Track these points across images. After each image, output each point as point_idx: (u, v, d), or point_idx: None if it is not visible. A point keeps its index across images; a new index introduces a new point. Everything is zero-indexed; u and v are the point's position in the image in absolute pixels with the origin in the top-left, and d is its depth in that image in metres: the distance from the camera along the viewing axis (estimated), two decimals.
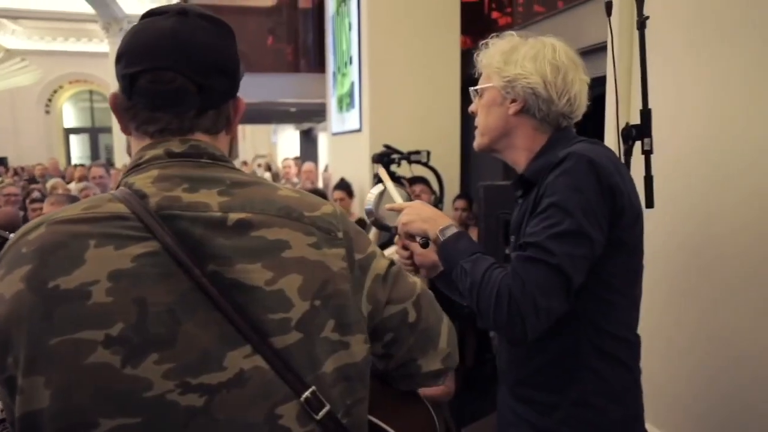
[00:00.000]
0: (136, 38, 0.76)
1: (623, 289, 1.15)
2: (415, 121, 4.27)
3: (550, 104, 1.17)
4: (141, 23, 0.78)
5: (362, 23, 4.45)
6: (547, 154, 1.17)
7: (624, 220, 1.08)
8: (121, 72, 0.76)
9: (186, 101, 0.75)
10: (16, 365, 0.65)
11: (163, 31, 0.75)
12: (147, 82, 0.74)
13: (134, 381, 0.65)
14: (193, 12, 0.78)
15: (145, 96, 0.75)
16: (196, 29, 0.76)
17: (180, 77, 0.74)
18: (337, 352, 0.73)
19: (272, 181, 0.87)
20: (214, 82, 0.76)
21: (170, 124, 0.76)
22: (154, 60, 0.74)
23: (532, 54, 1.17)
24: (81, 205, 0.72)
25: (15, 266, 0.68)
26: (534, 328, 1.01)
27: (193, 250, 0.69)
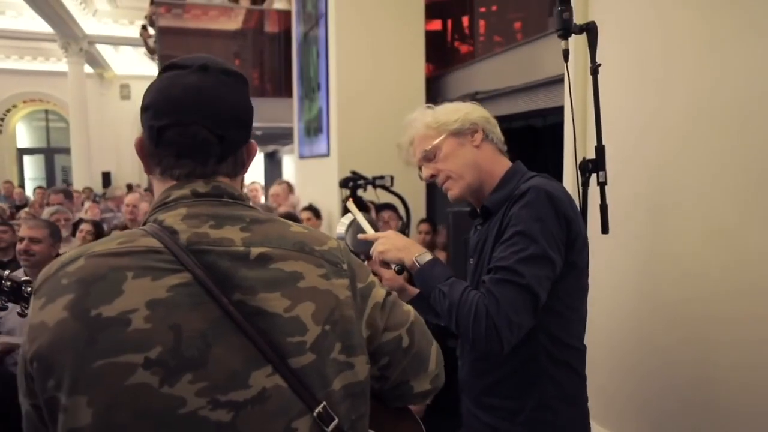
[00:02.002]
0: (163, 93, 0.84)
1: (574, 305, 1.31)
2: (382, 147, 4.37)
3: (496, 129, 1.39)
4: (166, 77, 0.85)
5: (330, 51, 4.58)
6: (506, 187, 1.33)
7: (576, 245, 1.25)
8: (148, 123, 0.83)
9: (208, 151, 0.84)
10: (58, 387, 0.71)
11: (189, 87, 0.83)
12: (174, 134, 0.82)
13: (170, 399, 0.72)
14: (214, 67, 0.86)
15: (171, 146, 0.83)
16: (218, 85, 0.84)
17: (204, 131, 0.82)
18: (343, 371, 0.82)
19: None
20: (233, 133, 0.85)
21: (194, 170, 0.84)
22: (180, 115, 0.82)
23: (451, 108, 1.39)
24: (116, 240, 0.79)
25: (57, 296, 0.74)
26: (509, 341, 1.15)
27: (221, 280, 0.76)
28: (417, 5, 4.59)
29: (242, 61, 7.95)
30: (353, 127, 4.45)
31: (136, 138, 0.89)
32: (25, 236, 2.68)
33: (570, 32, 1.54)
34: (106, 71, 15.65)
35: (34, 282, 0.82)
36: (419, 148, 1.40)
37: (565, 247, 1.22)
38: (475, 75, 4.40)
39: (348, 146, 4.44)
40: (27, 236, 2.67)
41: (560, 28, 1.54)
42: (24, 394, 0.77)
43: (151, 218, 0.83)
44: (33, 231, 2.70)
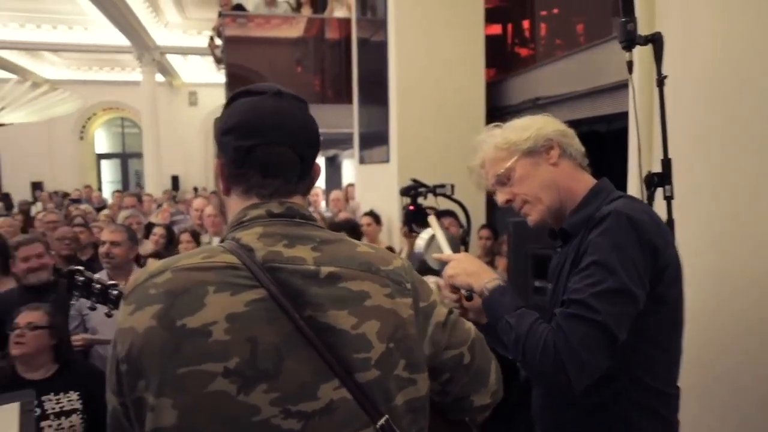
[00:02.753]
0: (245, 116, 0.90)
1: (662, 344, 1.17)
2: (442, 153, 4.39)
3: (574, 142, 1.27)
4: (246, 102, 0.92)
5: (390, 57, 4.63)
6: (587, 207, 1.22)
7: (666, 276, 1.12)
8: (234, 144, 0.89)
9: (292, 170, 0.91)
10: (147, 388, 0.78)
11: (271, 111, 0.90)
12: (261, 154, 0.89)
13: (246, 407, 0.77)
14: (286, 93, 0.93)
15: (258, 165, 0.89)
16: (294, 108, 0.92)
17: (288, 151, 0.89)
18: (406, 387, 0.86)
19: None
20: (309, 153, 0.92)
21: (279, 188, 0.91)
22: (266, 135, 0.89)
23: (521, 124, 1.30)
24: (199, 254, 0.86)
25: (145, 304, 0.81)
26: (579, 381, 1.05)
27: (293, 297, 0.82)
28: (477, 10, 4.57)
29: (304, 68, 8.14)
30: (413, 133, 4.48)
31: (216, 162, 0.96)
32: (106, 240, 2.86)
33: (634, 43, 1.51)
34: (175, 80, 16.39)
35: (125, 288, 0.90)
36: (491, 172, 1.32)
37: (651, 279, 1.10)
38: (536, 80, 4.34)
39: (407, 153, 4.47)
40: (108, 240, 2.85)
41: (624, 39, 1.51)
42: (113, 392, 0.84)
43: (230, 236, 0.89)
44: (114, 235, 2.88)
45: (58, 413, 2.20)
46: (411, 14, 4.48)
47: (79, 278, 1.48)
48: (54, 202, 10.09)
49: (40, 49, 13.35)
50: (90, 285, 1.48)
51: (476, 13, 4.57)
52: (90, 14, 11.08)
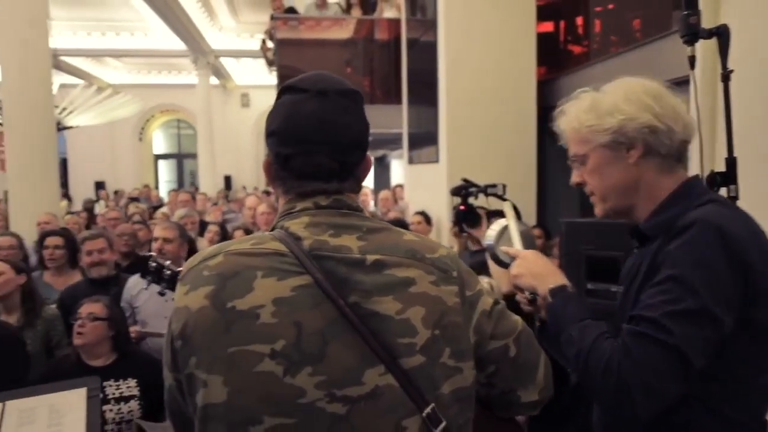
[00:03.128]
0: (287, 121, 0.91)
1: (747, 373, 1.02)
2: (491, 153, 4.35)
3: (672, 135, 1.07)
4: (288, 103, 0.92)
5: (439, 56, 4.62)
6: (668, 210, 1.08)
7: (759, 299, 0.97)
8: (275, 148, 0.93)
9: (330, 176, 0.92)
10: (198, 365, 0.82)
11: (311, 116, 0.90)
12: (299, 162, 0.91)
13: (292, 388, 0.80)
14: (331, 90, 0.92)
15: (295, 171, 0.92)
16: (337, 110, 0.91)
17: (327, 159, 0.91)
18: (452, 376, 0.86)
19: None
20: (353, 157, 0.93)
21: (316, 190, 0.92)
22: (303, 144, 0.90)
23: (622, 96, 1.10)
24: (250, 241, 0.90)
25: (199, 285, 0.85)
26: (645, 408, 0.95)
27: (338, 284, 0.84)
28: (528, 7, 4.50)
29: (353, 68, 8.21)
30: (462, 133, 4.46)
31: (264, 160, 0.98)
32: (159, 236, 2.98)
33: (697, 37, 1.45)
34: (229, 82, 16.85)
35: (182, 270, 0.94)
36: (570, 143, 1.18)
37: (740, 301, 0.96)
38: (590, 77, 4.24)
39: (457, 152, 4.45)
40: (161, 236, 2.98)
41: (686, 33, 1.46)
42: (169, 369, 0.88)
43: (279, 224, 0.92)
44: (166, 232, 3.00)
45: (118, 398, 2.32)
46: (461, 13, 4.45)
47: (152, 264, 1.55)
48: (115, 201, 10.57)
49: (104, 55, 14.00)
50: (161, 271, 1.55)
51: (528, 11, 4.50)
52: (150, 21, 11.55)
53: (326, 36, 8.60)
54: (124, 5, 10.96)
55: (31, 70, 5.43)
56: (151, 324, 2.88)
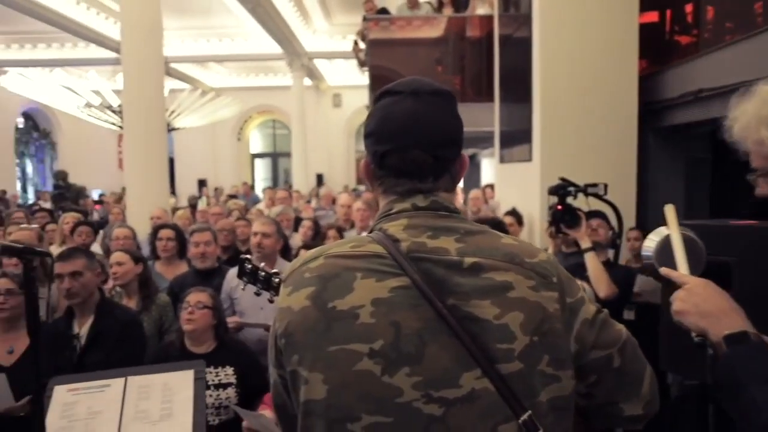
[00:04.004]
0: (383, 121, 0.94)
1: None
2: (588, 151, 4.19)
3: None
4: (384, 105, 0.95)
5: (534, 52, 4.50)
6: None
7: None
8: (371, 148, 0.95)
9: (426, 171, 0.93)
10: (301, 362, 0.86)
11: (405, 114, 0.92)
12: (395, 159, 0.93)
13: (390, 388, 0.81)
14: (424, 91, 0.94)
15: (392, 168, 0.94)
16: (431, 108, 0.93)
17: (422, 154, 0.92)
18: (550, 384, 0.84)
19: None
20: (447, 152, 0.94)
21: (414, 188, 0.94)
22: (399, 140, 0.92)
23: None
24: (349, 243, 0.92)
25: (300, 287, 0.89)
26: None
27: (436, 286, 0.85)
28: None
29: (444, 67, 8.18)
30: (557, 131, 4.32)
31: (362, 161, 1.01)
32: (258, 231, 3.13)
33: None
34: (322, 83, 17.35)
35: (283, 273, 0.99)
36: (751, 150, 1.04)
37: None
38: (699, 69, 3.95)
39: (551, 150, 4.31)
40: (260, 231, 3.12)
41: None
42: (273, 365, 0.93)
43: (377, 227, 0.94)
44: (264, 227, 3.14)
45: (217, 385, 2.45)
46: (557, 6, 4.30)
47: (248, 266, 1.64)
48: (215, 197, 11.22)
49: (208, 60, 14.89)
50: (256, 272, 1.63)
51: (630, 1, 4.27)
52: (249, 27, 12.13)
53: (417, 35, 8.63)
54: (226, 12, 11.60)
55: (147, 77, 5.89)
56: (248, 315, 3.03)
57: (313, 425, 0.84)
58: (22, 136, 15.94)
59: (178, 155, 17.47)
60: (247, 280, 1.64)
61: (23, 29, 12.26)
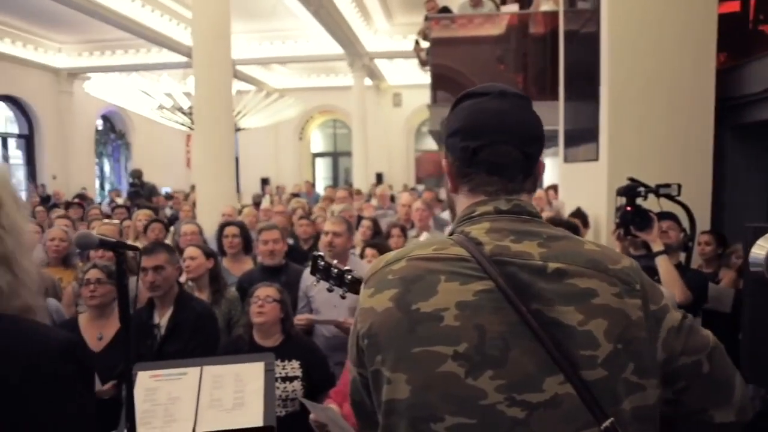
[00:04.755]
0: (471, 118, 0.95)
1: None
2: (659, 150, 4.02)
3: None
4: (470, 104, 0.97)
5: (602, 46, 4.36)
6: None
7: None
8: (460, 145, 0.96)
9: (517, 168, 0.94)
10: (383, 362, 0.88)
11: (496, 111, 0.94)
12: (487, 154, 0.94)
13: (473, 390, 0.82)
14: (509, 92, 0.97)
15: (483, 164, 0.94)
16: (517, 107, 0.95)
17: (514, 150, 0.93)
18: (634, 393, 0.83)
19: None
20: (534, 150, 0.95)
21: (504, 186, 0.95)
22: (492, 136, 0.93)
23: None
24: (431, 246, 0.93)
25: (383, 288, 0.91)
26: None
27: (520, 290, 0.85)
28: None
29: (506, 65, 8.06)
30: (626, 129, 4.17)
31: (443, 161, 1.02)
32: (330, 230, 3.20)
33: None
34: (382, 82, 17.46)
35: (365, 273, 1.00)
36: None
37: None
38: None
39: (620, 149, 4.17)
40: (331, 230, 3.19)
41: None
42: (354, 363, 0.95)
43: (458, 229, 0.95)
44: (336, 226, 3.21)
45: (284, 378, 2.53)
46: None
47: (320, 263, 1.69)
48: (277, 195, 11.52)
49: (272, 62, 15.29)
50: (329, 269, 1.68)
51: None
52: (311, 28, 12.37)
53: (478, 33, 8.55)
54: (290, 15, 11.88)
55: (216, 79, 6.13)
56: (323, 312, 3.11)
57: (396, 424, 0.86)
58: (101, 137, 16.89)
59: (242, 154, 18.00)
60: (320, 277, 1.70)
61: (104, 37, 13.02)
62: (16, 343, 0.89)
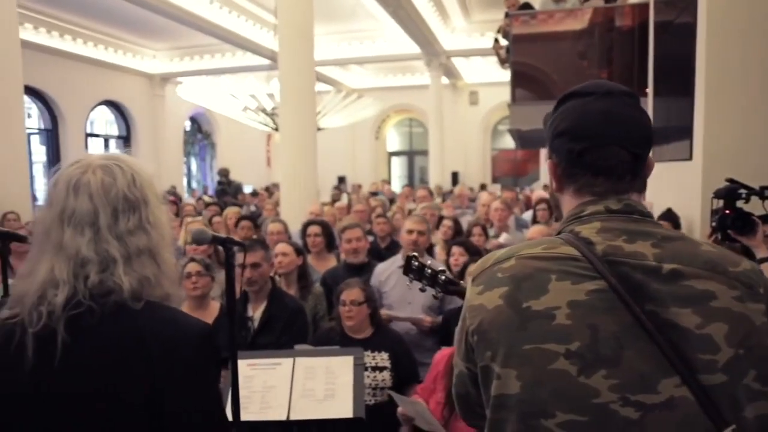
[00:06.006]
0: (576, 119, 0.95)
1: None
2: (760, 149, 3.77)
3: None
4: (575, 104, 0.96)
5: (698, 37, 4.14)
6: None
7: None
8: (566, 146, 0.96)
9: (624, 169, 0.94)
10: (493, 358, 0.90)
11: (601, 112, 0.93)
12: (593, 155, 0.93)
13: (586, 388, 0.83)
14: (617, 91, 0.95)
15: (589, 166, 0.94)
16: (625, 107, 0.94)
17: (621, 151, 0.92)
18: (757, 401, 0.81)
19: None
20: (643, 150, 0.94)
21: (611, 187, 0.94)
22: (598, 137, 0.93)
23: None
24: (540, 245, 0.94)
25: (493, 286, 0.93)
26: None
27: (633, 291, 0.84)
28: None
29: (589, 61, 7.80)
30: (723, 126, 3.93)
31: (548, 161, 1.02)
32: (414, 229, 3.26)
33: None
34: (458, 81, 17.33)
35: (472, 271, 1.02)
36: None
37: None
38: None
39: (717, 148, 3.94)
40: (416, 229, 3.25)
41: None
42: (462, 358, 0.98)
43: (567, 229, 0.95)
44: (420, 225, 3.27)
45: (374, 368, 2.61)
46: None
47: (414, 263, 1.73)
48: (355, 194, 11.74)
49: (351, 62, 15.56)
50: (423, 269, 1.72)
51: None
52: (388, 28, 12.49)
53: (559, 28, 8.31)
54: (368, 16, 12.05)
55: (300, 81, 6.34)
56: (396, 309, 3.17)
57: (505, 419, 0.88)
58: (189, 137, 17.87)
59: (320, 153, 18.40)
60: (413, 277, 1.73)
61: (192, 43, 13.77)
62: (160, 328, 1.00)
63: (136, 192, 1.06)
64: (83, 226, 1.02)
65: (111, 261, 1.01)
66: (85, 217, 1.02)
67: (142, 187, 1.07)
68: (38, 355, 0.97)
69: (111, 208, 1.03)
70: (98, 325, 0.98)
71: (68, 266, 1.00)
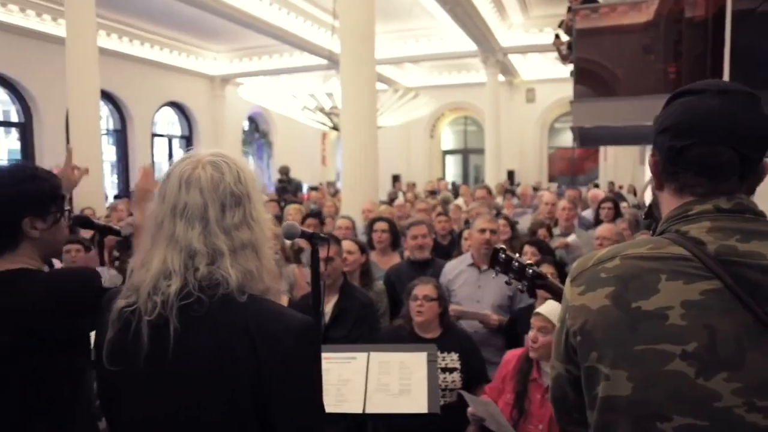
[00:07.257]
0: (681, 116, 0.92)
1: None
2: None
3: None
4: (683, 102, 0.94)
5: None
6: None
7: None
8: (668, 143, 0.93)
9: (730, 170, 0.90)
10: (600, 360, 0.88)
11: (711, 110, 0.90)
12: (696, 153, 0.91)
13: (705, 391, 0.81)
14: (732, 90, 0.92)
15: (692, 164, 0.92)
16: (739, 106, 0.90)
17: (728, 151, 0.89)
18: None
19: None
20: (754, 151, 0.90)
21: (714, 187, 0.91)
22: (704, 135, 0.90)
23: None
24: (646, 245, 0.92)
25: (597, 286, 0.91)
26: None
27: (752, 291, 0.82)
28: None
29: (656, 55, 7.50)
30: None
31: (650, 158, 1.00)
32: (486, 228, 3.24)
33: None
34: (515, 78, 17.05)
35: (571, 271, 1.00)
36: None
37: None
38: None
39: None
40: (488, 228, 3.24)
41: None
42: (561, 360, 0.96)
43: (672, 228, 0.92)
44: (492, 224, 3.27)
45: (443, 369, 2.59)
46: None
47: (502, 256, 1.72)
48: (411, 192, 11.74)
49: (408, 60, 15.55)
50: (510, 263, 1.70)
51: None
52: (444, 26, 12.42)
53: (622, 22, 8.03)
54: (426, 14, 12.02)
55: (360, 79, 6.39)
56: (465, 305, 3.16)
57: (615, 421, 0.86)
58: (247, 137, 18.34)
59: None
60: (500, 270, 1.72)
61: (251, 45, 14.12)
62: (263, 320, 1.04)
63: (241, 188, 1.10)
64: (194, 220, 1.06)
65: (219, 254, 1.05)
66: (196, 210, 1.06)
67: (247, 183, 1.11)
68: (152, 342, 1.03)
69: (219, 203, 1.07)
70: (206, 315, 1.03)
71: (180, 258, 1.05)
